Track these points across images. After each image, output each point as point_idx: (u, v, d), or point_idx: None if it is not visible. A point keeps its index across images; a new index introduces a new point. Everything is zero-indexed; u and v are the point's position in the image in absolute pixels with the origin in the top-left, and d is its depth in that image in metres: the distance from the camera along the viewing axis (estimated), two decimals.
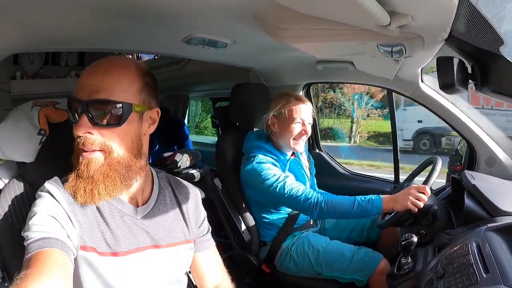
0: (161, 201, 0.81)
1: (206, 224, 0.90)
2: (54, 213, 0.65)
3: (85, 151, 0.67)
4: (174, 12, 0.86)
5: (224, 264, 0.92)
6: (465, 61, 0.79)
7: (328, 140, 6.51)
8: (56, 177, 0.73)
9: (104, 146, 0.67)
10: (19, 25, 0.81)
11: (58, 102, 0.87)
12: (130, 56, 3.22)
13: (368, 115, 6.80)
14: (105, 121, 0.66)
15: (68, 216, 0.67)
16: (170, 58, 2.53)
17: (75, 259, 0.66)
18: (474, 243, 0.76)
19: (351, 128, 6.90)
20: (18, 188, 0.80)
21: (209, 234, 0.91)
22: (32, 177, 0.81)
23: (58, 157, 0.83)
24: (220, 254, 0.94)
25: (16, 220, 0.78)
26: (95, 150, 0.67)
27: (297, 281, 1.40)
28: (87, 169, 0.67)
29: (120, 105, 0.67)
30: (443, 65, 0.73)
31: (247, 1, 0.75)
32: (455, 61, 0.72)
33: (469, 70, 0.78)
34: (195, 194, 0.88)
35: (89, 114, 0.65)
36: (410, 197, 1.10)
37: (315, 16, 0.67)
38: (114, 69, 0.69)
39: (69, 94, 0.71)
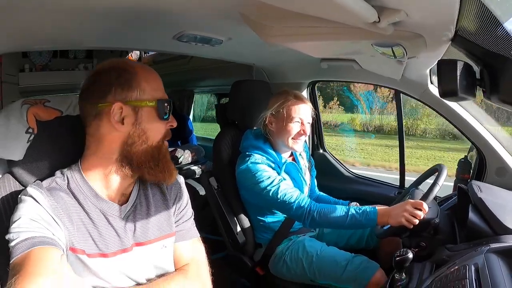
0: (142, 196, 0.81)
1: (189, 211, 0.89)
2: (38, 218, 0.65)
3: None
4: (162, 10, 0.84)
5: (219, 263, 0.92)
6: (474, 65, 0.71)
7: None
8: (38, 181, 0.73)
9: None
10: (9, 26, 0.81)
11: (48, 100, 0.85)
12: (138, 52, 3.22)
13: None
14: None
15: (54, 219, 0.66)
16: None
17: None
18: (473, 266, 0.70)
19: None
20: (8, 184, 0.79)
21: (191, 223, 0.89)
22: (21, 174, 0.80)
23: (47, 155, 0.82)
24: (215, 253, 0.92)
25: (5, 217, 0.76)
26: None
27: (290, 286, 1.36)
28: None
29: None
30: (444, 70, 0.64)
31: None
32: (459, 65, 0.64)
33: (478, 75, 0.70)
34: (178, 181, 0.89)
35: None
36: (405, 214, 1.04)
37: (297, 12, 0.61)
38: None
39: (78, 87, 0.75)
